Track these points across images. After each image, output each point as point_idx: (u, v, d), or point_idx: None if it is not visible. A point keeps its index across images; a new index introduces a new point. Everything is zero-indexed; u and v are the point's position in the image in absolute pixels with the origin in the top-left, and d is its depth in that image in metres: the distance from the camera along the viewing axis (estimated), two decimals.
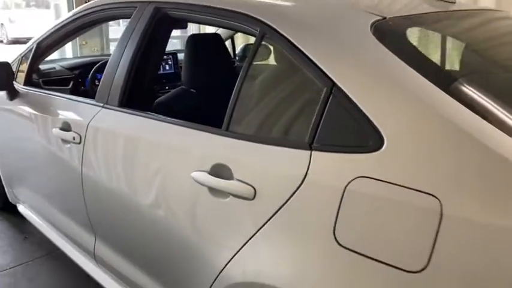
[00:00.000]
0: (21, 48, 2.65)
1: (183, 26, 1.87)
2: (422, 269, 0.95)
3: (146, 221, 1.62)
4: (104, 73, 1.91)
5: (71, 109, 2.05)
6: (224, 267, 1.32)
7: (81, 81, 2.75)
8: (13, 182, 2.73)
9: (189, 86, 1.98)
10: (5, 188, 2.87)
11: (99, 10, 2.09)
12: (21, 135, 2.45)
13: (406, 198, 0.99)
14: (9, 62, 2.53)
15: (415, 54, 1.22)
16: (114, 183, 1.76)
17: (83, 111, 1.95)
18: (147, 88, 1.85)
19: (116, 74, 1.83)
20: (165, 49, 1.93)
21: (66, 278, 2.43)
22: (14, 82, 2.49)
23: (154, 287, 1.67)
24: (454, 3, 1.58)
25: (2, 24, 15.76)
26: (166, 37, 1.88)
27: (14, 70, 2.53)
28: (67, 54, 6.71)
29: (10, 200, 2.88)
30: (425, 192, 0.96)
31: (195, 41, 1.97)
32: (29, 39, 2.64)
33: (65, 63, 2.93)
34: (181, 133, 1.52)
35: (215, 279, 1.35)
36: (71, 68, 2.83)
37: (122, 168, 1.72)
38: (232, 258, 1.30)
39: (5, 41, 15.58)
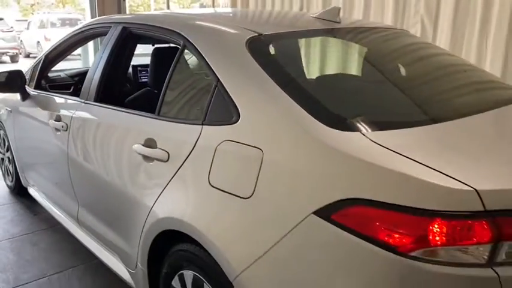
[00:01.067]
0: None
1: (145, 42, 2.41)
2: (250, 196, 1.46)
3: (106, 185, 2.18)
4: (86, 76, 2.50)
5: (63, 105, 2.65)
6: (151, 209, 1.85)
7: (80, 86, 3.36)
8: (25, 167, 3.35)
9: (153, 87, 2.54)
10: (19, 174, 3.50)
11: (86, 29, 2.70)
12: (30, 128, 3.07)
13: (246, 151, 1.50)
14: (23, 70, 3.16)
15: (271, 63, 1.71)
16: (86, 159, 2.33)
17: (70, 106, 2.54)
18: (116, 88, 2.43)
19: (94, 77, 2.42)
20: (131, 59, 2.51)
21: (61, 243, 3.01)
22: (26, 86, 3.12)
23: (111, 234, 2.22)
24: (339, 22, 2.08)
25: (38, 42, 16.96)
26: (132, 49, 2.46)
27: (27, 77, 3.17)
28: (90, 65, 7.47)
29: (23, 184, 3.51)
30: (255, 147, 1.48)
31: (156, 52, 2.53)
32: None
33: (68, 72, 3.56)
34: (130, 118, 2.09)
35: (146, 218, 1.87)
36: (72, 76, 3.46)
37: (92, 147, 2.29)
38: (155, 202, 1.83)
39: None
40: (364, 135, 1.34)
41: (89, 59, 7.84)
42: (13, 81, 3.02)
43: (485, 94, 1.91)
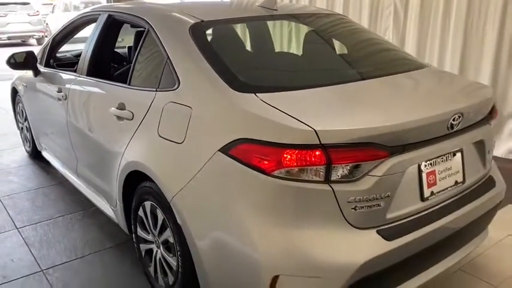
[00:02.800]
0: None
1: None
2: (183, 141, 2.00)
3: (94, 141, 2.77)
4: (81, 55, 3.07)
5: (65, 79, 3.24)
6: (122, 156, 2.41)
7: None
8: (38, 134, 3.99)
9: None
10: (35, 140, 4.13)
11: (83, 17, 3.27)
12: (41, 99, 3.69)
13: (181, 109, 2.04)
14: (34, 51, 3.76)
15: (205, 43, 2.21)
16: (79, 122, 2.92)
17: (69, 79, 3.13)
18: (103, 63, 2.99)
19: (86, 55, 2.99)
20: (116, 41, 3.06)
21: (67, 195, 3.64)
22: (37, 64, 3.72)
23: (99, 180, 2.81)
24: (276, 10, 2.57)
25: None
26: (117, 33, 3.02)
27: (38, 57, 3.77)
28: None
29: (38, 148, 4.15)
30: (186, 106, 2.02)
31: (136, 35, 3.06)
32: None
33: (73, 52, 4.16)
34: (110, 88, 2.65)
35: (120, 164, 2.44)
36: (76, 56, 4.04)
37: (82, 111, 2.88)
38: (124, 151, 2.40)
39: None
40: (256, 95, 1.86)
41: None
42: (28, 61, 3.63)
43: (377, 65, 2.39)
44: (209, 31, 2.30)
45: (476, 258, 2.74)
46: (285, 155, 1.66)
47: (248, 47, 2.48)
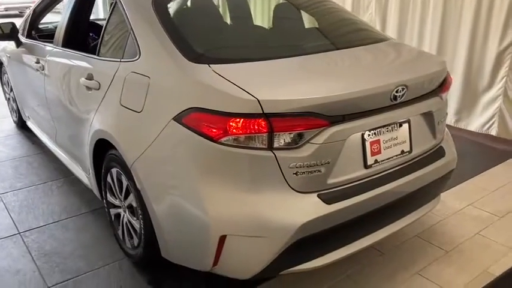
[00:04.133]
0: None
1: None
2: (141, 110, 2.10)
3: (68, 110, 2.87)
4: (57, 27, 3.14)
5: (43, 50, 3.32)
6: (91, 125, 2.52)
7: None
8: (23, 103, 4.09)
9: None
10: (20, 110, 4.24)
11: None
12: (22, 70, 3.77)
13: (140, 79, 2.13)
14: (15, 22, 3.83)
15: (166, 16, 2.26)
16: (55, 92, 3.02)
17: (46, 50, 3.21)
18: (77, 35, 3.07)
19: (62, 27, 3.06)
20: (90, 13, 3.13)
21: (50, 163, 3.76)
22: (19, 35, 3.79)
23: (74, 149, 2.93)
24: None
25: None
26: (91, 5, 3.08)
27: (20, 28, 3.83)
28: None
29: (23, 118, 4.26)
30: (145, 76, 2.11)
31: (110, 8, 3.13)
32: None
33: (55, 24, 4.22)
34: (81, 58, 2.73)
35: (90, 129, 2.54)
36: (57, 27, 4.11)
37: (57, 82, 2.97)
38: (93, 120, 2.50)
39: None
40: (209, 66, 1.94)
41: (99, 14, 8.57)
42: (13, 32, 3.71)
43: (339, 39, 2.46)
44: (172, 3, 2.37)
45: (435, 225, 2.86)
46: (231, 123, 1.76)
47: (212, 20, 2.54)
